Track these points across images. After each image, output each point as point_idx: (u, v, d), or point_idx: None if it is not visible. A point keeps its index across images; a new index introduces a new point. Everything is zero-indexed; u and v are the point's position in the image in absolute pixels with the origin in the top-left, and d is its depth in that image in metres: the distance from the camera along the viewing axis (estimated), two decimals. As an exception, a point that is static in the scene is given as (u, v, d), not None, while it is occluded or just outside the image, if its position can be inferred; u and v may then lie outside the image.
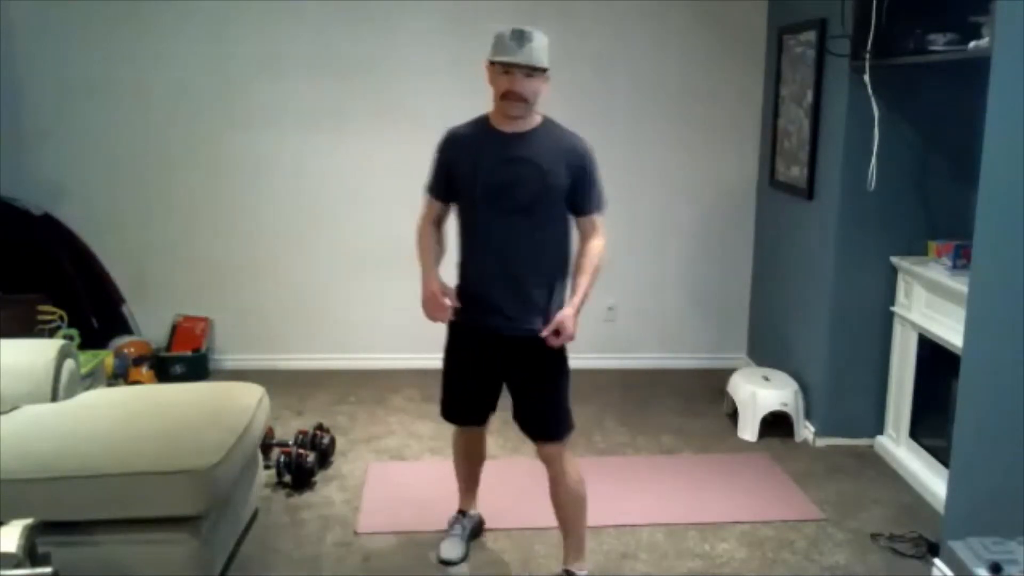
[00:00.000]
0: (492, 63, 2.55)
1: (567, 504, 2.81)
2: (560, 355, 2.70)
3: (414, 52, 4.61)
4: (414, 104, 4.64)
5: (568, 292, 2.69)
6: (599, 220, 2.70)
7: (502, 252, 2.64)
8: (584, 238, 2.70)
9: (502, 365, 2.73)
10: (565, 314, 2.60)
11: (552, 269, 2.68)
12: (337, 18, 4.56)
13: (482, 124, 2.67)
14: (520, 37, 2.50)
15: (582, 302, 2.64)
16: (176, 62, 4.56)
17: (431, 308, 2.69)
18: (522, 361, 2.70)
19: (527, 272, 2.64)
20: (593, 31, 4.64)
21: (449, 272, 2.77)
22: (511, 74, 2.51)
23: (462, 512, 3.12)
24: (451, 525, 3.09)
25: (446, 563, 2.98)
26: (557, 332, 2.59)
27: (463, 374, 2.82)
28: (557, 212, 2.65)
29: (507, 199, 2.59)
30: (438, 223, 2.79)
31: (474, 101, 2.79)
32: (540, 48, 2.52)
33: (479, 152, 2.62)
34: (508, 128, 2.61)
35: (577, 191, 2.63)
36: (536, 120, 2.63)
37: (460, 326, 2.77)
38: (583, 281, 2.65)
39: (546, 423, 2.74)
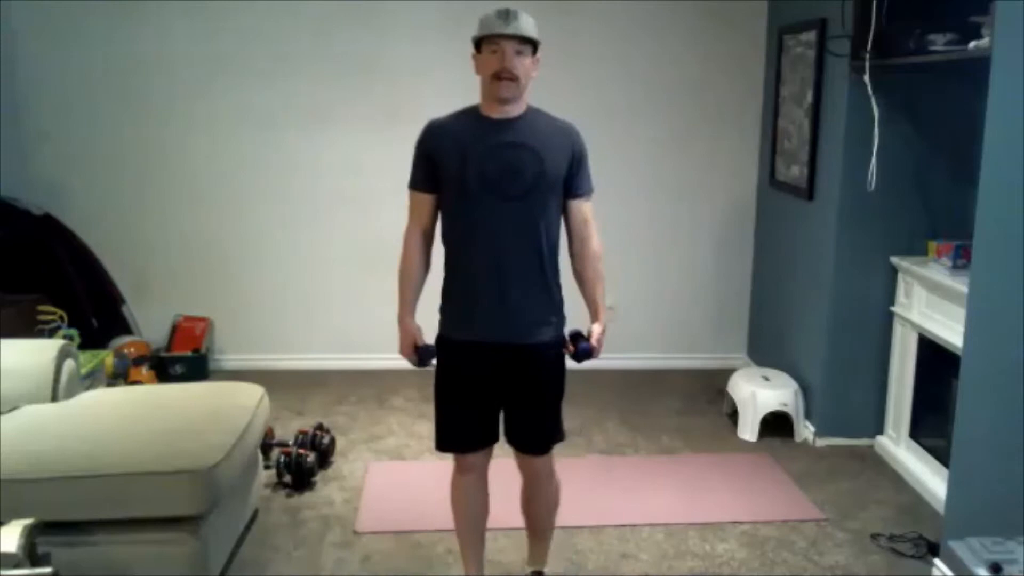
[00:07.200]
0: (478, 46, 2.40)
1: (547, 510, 2.72)
2: (562, 363, 2.57)
3: (413, 51, 4.62)
4: (413, 103, 4.62)
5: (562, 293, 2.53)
6: (589, 207, 2.54)
7: (497, 246, 2.43)
8: (577, 232, 2.53)
9: (503, 377, 2.51)
10: (600, 332, 2.52)
11: (552, 265, 2.49)
12: (335, 18, 4.56)
13: (470, 113, 2.48)
14: (507, 15, 2.35)
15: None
16: (176, 62, 4.56)
17: (409, 353, 2.55)
18: (525, 372, 2.52)
19: (524, 268, 2.45)
20: (592, 31, 4.64)
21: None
22: (500, 52, 2.33)
23: None
24: None
25: None
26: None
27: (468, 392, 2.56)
28: (553, 200, 2.47)
29: (504, 187, 2.39)
30: (428, 232, 2.54)
31: (472, 100, 2.78)
32: (528, 23, 2.37)
33: (468, 140, 2.40)
34: (497, 114, 2.41)
35: (573, 173, 2.48)
36: (523, 107, 2.45)
37: (453, 340, 2.54)
38: (600, 291, 2.57)
39: (544, 436, 2.58)
